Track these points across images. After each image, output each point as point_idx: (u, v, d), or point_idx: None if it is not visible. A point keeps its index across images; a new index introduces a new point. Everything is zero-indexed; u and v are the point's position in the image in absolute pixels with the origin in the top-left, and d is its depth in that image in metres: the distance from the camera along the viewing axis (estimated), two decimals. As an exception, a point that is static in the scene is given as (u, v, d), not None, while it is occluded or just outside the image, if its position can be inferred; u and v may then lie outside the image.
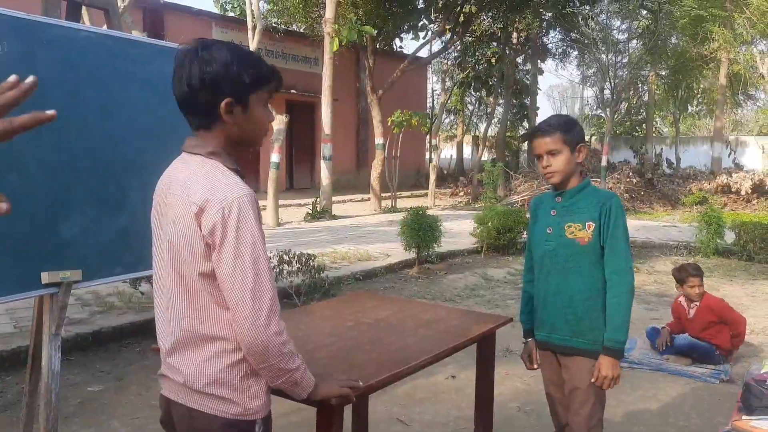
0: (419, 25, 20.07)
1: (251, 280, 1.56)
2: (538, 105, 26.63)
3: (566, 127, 2.56)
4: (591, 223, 2.53)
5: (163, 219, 1.69)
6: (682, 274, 5.22)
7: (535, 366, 2.86)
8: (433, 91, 29.34)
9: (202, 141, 1.69)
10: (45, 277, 2.81)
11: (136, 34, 5.55)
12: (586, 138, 26.50)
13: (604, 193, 2.63)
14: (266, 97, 1.71)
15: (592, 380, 2.53)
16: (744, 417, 3.68)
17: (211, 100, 1.62)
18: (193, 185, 1.61)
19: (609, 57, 16.91)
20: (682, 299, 5.32)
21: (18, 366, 4.56)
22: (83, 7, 3.59)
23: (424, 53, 21.83)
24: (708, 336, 5.05)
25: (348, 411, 1.98)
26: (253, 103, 1.67)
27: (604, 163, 18.22)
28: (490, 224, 9.87)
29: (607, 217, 2.51)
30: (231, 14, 21.56)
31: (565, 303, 2.60)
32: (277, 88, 1.75)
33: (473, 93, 26.80)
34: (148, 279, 5.62)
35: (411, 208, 8.92)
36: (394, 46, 23.10)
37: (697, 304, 5.17)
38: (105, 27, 3.57)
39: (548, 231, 2.65)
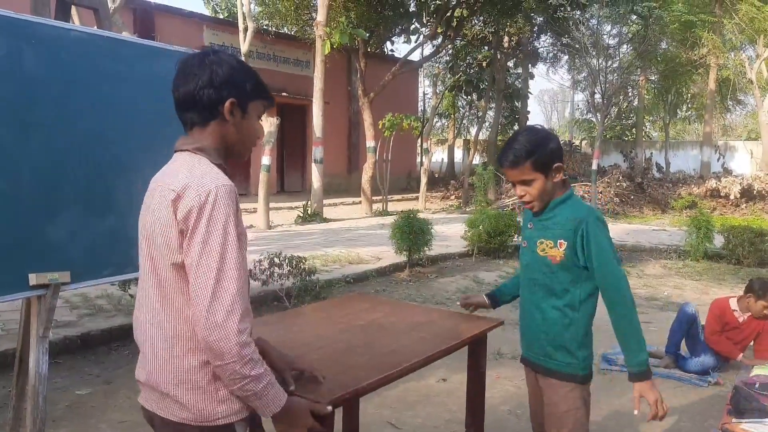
0: (411, 28, 20.11)
1: (215, 271, 1.52)
2: (528, 109, 26.77)
3: (534, 151, 2.29)
4: (563, 241, 2.32)
5: (147, 211, 1.70)
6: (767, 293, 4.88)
7: (462, 303, 2.91)
8: (424, 94, 29.38)
9: (193, 138, 1.72)
10: (33, 278, 2.78)
11: (127, 36, 5.48)
12: (576, 142, 26.68)
13: (582, 210, 2.35)
14: (261, 109, 1.79)
15: (635, 412, 2.35)
16: (734, 420, 3.68)
17: (215, 98, 1.68)
18: (174, 174, 1.64)
19: (599, 61, 16.98)
20: (733, 304, 5.05)
21: (5, 369, 4.51)
22: (73, 7, 3.56)
23: (415, 57, 21.85)
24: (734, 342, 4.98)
25: (338, 414, 1.96)
26: (250, 111, 1.75)
27: (594, 167, 18.29)
28: (481, 227, 9.89)
29: (585, 238, 2.28)
30: (222, 17, 21.50)
31: (539, 322, 2.44)
32: (269, 106, 1.83)
33: (464, 97, 26.87)
34: (138, 282, 5.58)
35: (402, 211, 8.92)
36: (386, 50, 23.13)
37: (749, 314, 4.95)
38: (95, 27, 3.54)
39: (523, 245, 2.52)
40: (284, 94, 19.48)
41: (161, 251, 1.61)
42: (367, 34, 17.19)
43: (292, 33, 19.58)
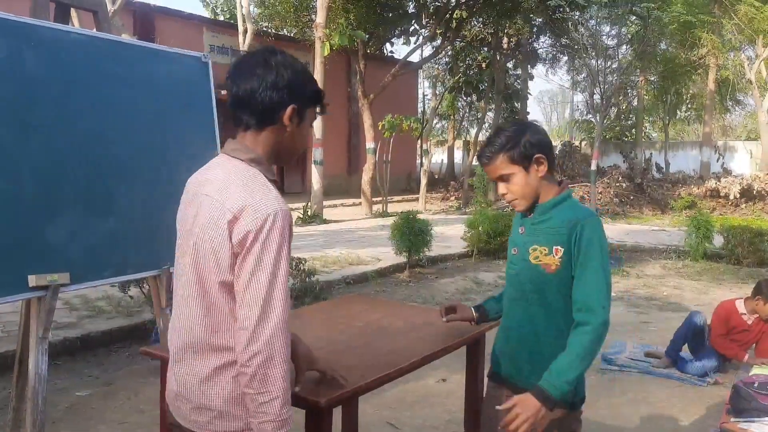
0: (410, 30, 20.12)
1: (264, 294, 1.50)
2: (528, 110, 26.75)
3: (510, 144, 2.09)
4: (558, 247, 2.06)
5: (193, 221, 1.64)
6: None
7: (444, 319, 2.53)
8: (424, 95, 29.40)
9: (245, 145, 1.66)
10: (32, 280, 2.78)
11: (126, 38, 5.49)
12: (576, 142, 26.67)
13: (581, 211, 2.11)
14: (314, 116, 1.75)
15: (498, 407, 2.00)
16: (732, 419, 3.69)
17: (277, 102, 1.62)
18: (230, 191, 1.57)
19: (599, 62, 16.99)
20: (740, 306, 5.00)
21: (5, 370, 4.52)
22: (72, 9, 3.57)
23: (415, 58, 21.87)
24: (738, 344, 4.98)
25: (337, 414, 1.97)
26: (307, 117, 1.71)
27: (594, 167, 18.30)
28: (480, 228, 9.90)
29: (577, 242, 2.03)
30: (222, 18, 21.52)
31: (530, 340, 2.15)
32: (322, 113, 1.79)
33: (464, 98, 26.86)
34: (138, 283, 5.59)
35: (402, 212, 8.93)
36: (385, 51, 23.15)
37: (757, 316, 4.93)
38: (94, 30, 3.55)
39: (513, 252, 2.23)
40: (284, 95, 19.45)
41: (210, 268, 1.57)
42: (367, 36, 17.21)
43: (292, 35, 19.60)
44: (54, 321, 2.96)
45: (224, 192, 1.58)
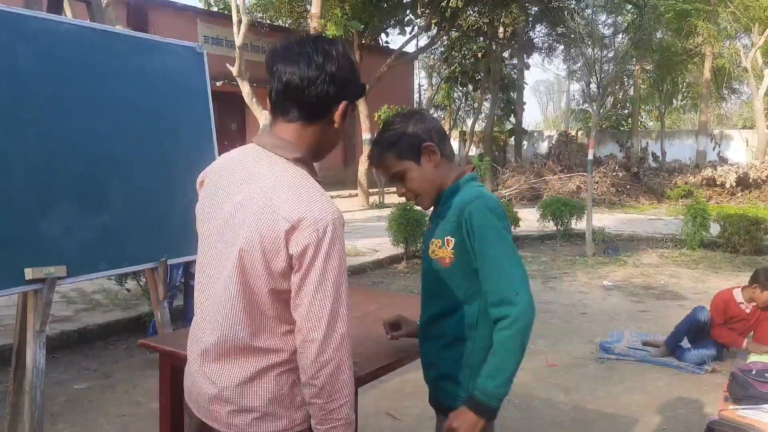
0: (405, 20, 20.04)
1: (329, 311, 1.45)
2: (524, 100, 26.73)
3: (392, 140, 1.91)
4: (449, 237, 1.84)
5: (233, 220, 1.53)
6: None
7: (389, 336, 2.25)
8: (419, 86, 29.35)
9: (287, 140, 1.54)
10: (29, 273, 2.76)
11: (120, 29, 5.43)
12: (572, 132, 26.66)
13: (469, 194, 1.87)
14: (351, 111, 1.64)
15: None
16: (731, 406, 3.70)
17: (332, 96, 1.51)
18: (283, 196, 1.46)
19: (595, 51, 16.95)
20: (737, 295, 5.02)
21: (2, 364, 4.51)
22: (65, 0, 3.54)
23: (410, 48, 21.79)
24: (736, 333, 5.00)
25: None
26: (349, 114, 1.60)
27: (590, 157, 18.28)
28: (477, 218, 9.89)
29: (469, 229, 1.79)
30: (215, 9, 21.40)
31: (434, 342, 1.96)
32: (355, 107, 1.70)
33: (460, 88, 26.82)
34: (135, 276, 5.58)
35: (399, 203, 8.92)
36: (381, 42, 23.06)
37: (754, 304, 4.94)
38: (88, 21, 3.52)
39: (423, 248, 2.04)
40: (279, 86, 19.39)
41: (260, 274, 1.48)
42: (362, 26, 17.12)
43: (287, 25, 19.51)
44: (51, 314, 2.94)
45: (275, 196, 1.47)
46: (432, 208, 2.02)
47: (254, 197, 1.49)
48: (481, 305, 1.83)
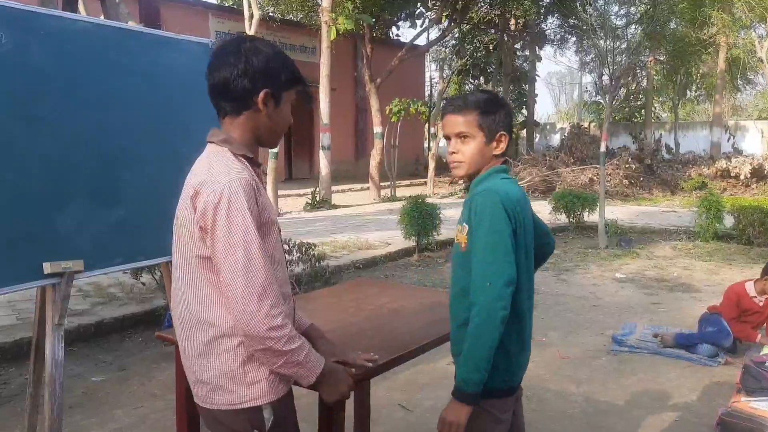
0: (416, 12, 19.98)
1: (242, 264, 1.58)
2: (536, 92, 26.59)
3: (486, 108, 1.99)
4: (465, 224, 1.97)
5: (179, 204, 1.76)
6: None
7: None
8: (431, 79, 29.25)
9: (222, 129, 1.76)
10: (47, 267, 2.81)
11: (132, 25, 5.47)
12: (584, 124, 26.51)
13: (483, 186, 1.98)
14: (293, 97, 1.80)
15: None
16: (743, 398, 3.71)
17: (250, 88, 1.69)
18: (195, 171, 1.70)
19: (607, 43, 16.81)
20: (750, 288, 5.01)
21: (21, 357, 4.58)
22: (79, -2, 3.58)
23: (421, 41, 21.73)
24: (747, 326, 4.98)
25: (350, 396, 1.99)
26: (284, 100, 1.76)
27: (603, 149, 18.15)
28: (489, 211, 9.87)
29: (473, 219, 1.92)
30: (227, 4, 21.44)
31: (453, 321, 2.10)
32: (304, 93, 1.86)
33: (471, 81, 26.73)
34: (149, 270, 5.64)
35: (410, 196, 8.94)
36: (391, 35, 22.99)
37: (767, 297, 4.93)
38: (102, 17, 3.56)
39: None
40: (291, 81, 19.39)
41: (187, 243, 1.68)
42: (373, 20, 17.09)
43: (298, 19, 19.50)
44: (68, 308, 2.99)
45: (192, 173, 1.71)
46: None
47: (186, 181, 1.73)
48: None
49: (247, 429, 1.69)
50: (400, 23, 21.43)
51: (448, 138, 2.06)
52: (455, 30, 22.05)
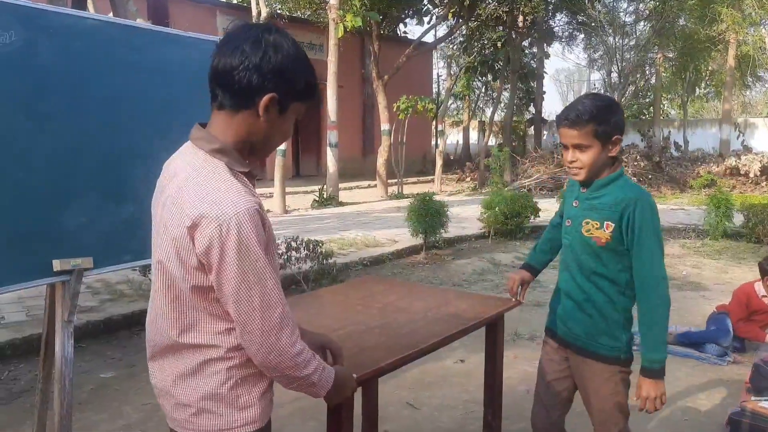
0: (423, 9, 19.94)
1: (258, 299, 1.44)
2: (544, 89, 26.50)
3: (601, 118, 2.18)
4: (610, 223, 2.23)
5: (159, 219, 1.55)
6: None
7: (519, 299, 2.69)
8: (438, 76, 29.21)
9: (210, 132, 1.53)
10: (56, 264, 2.82)
11: (141, 22, 5.50)
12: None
13: (634, 191, 2.26)
14: (301, 111, 1.57)
15: (635, 399, 2.29)
16: (753, 398, 3.68)
17: (256, 86, 1.45)
18: (188, 192, 1.45)
19: (616, 39, 16.75)
20: (759, 288, 5.02)
21: (31, 353, 4.61)
22: (88, -5, 3.58)
23: (429, 38, 21.71)
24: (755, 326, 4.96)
25: (358, 395, 2.00)
26: (290, 111, 1.53)
27: (611, 146, 18.06)
28: (497, 209, 9.86)
29: (631, 220, 2.19)
30: (235, 1, 21.46)
31: (583, 303, 2.37)
32: (310, 108, 1.64)
33: (479, 78, 26.64)
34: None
35: (418, 193, 8.92)
36: (399, 32, 22.97)
37: None
38: (110, 14, 3.56)
39: (567, 224, 2.42)
40: (298, 78, 19.41)
41: (179, 275, 1.49)
42: (380, 17, 17.08)
43: (305, 17, 19.50)
44: (77, 305, 3.00)
45: (182, 193, 1.46)
46: (574, 187, 2.43)
47: (171, 195, 1.49)
48: (628, 277, 2.27)
49: None
50: (407, 20, 21.42)
51: (565, 147, 2.29)
52: (463, 27, 21.98)
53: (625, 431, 2.45)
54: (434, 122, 23.05)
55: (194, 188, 1.44)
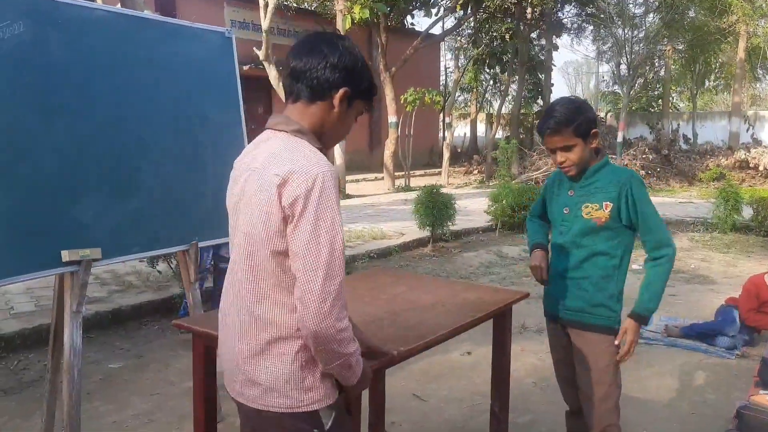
0: (431, 1, 19.84)
1: (325, 258, 1.52)
2: (552, 81, 26.32)
3: (574, 118, 2.46)
4: (608, 203, 2.50)
5: (239, 198, 1.69)
6: None
7: (545, 277, 2.69)
8: (446, 68, 29.07)
9: (291, 117, 1.69)
10: (65, 255, 2.84)
11: (149, 13, 5.50)
12: (601, 114, 26.27)
13: (622, 172, 2.56)
14: (361, 110, 1.79)
15: (616, 342, 2.55)
16: (761, 392, 3.67)
17: (333, 81, 1.66)
18: (277, 158, 1.60)
19: (625, 31, 16.62)
20: None
21: (40, 344, 4.64)
22: (96, -13, 3.58)
23: (437, 30, 21.58)
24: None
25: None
26: (354, 107, 1.75)
27: (620, 139, 18.03)
28: (504, 202, 9.84)
29: (629, 197, 2.47)
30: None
31: (580, 281, 2.58)
32: (369, 110, 1.83)
33: (487, 70, 26.50)
34: (166, 258, 5.68)
35: (425, 186, 8.91)
36: (407, 24, 22.86)
37: None
38: (118, 6, 3.56)
39: (565, 211, 2.63)
40: (305, 70, 19.37)
41: (261, 238, 1.59)
42: (388, 8, 16.99)
43: (313, 8, 19.44)
44: (86, 295, 3.02)
45: (271, 161, 1.61)
46: (564, 178, 2.63)
47: (255, 169, 1.65)
48: (622, 251, 2.55)
49: (307, 430, 1.67)
50: (415, 12, 21.32)
51: (552, 151, 2.54)
52: (471, 19, 21.86)
53: (618, 406, 2.61)
54: (441, 115, 22.98)
55: (282, 154, 1.60)
